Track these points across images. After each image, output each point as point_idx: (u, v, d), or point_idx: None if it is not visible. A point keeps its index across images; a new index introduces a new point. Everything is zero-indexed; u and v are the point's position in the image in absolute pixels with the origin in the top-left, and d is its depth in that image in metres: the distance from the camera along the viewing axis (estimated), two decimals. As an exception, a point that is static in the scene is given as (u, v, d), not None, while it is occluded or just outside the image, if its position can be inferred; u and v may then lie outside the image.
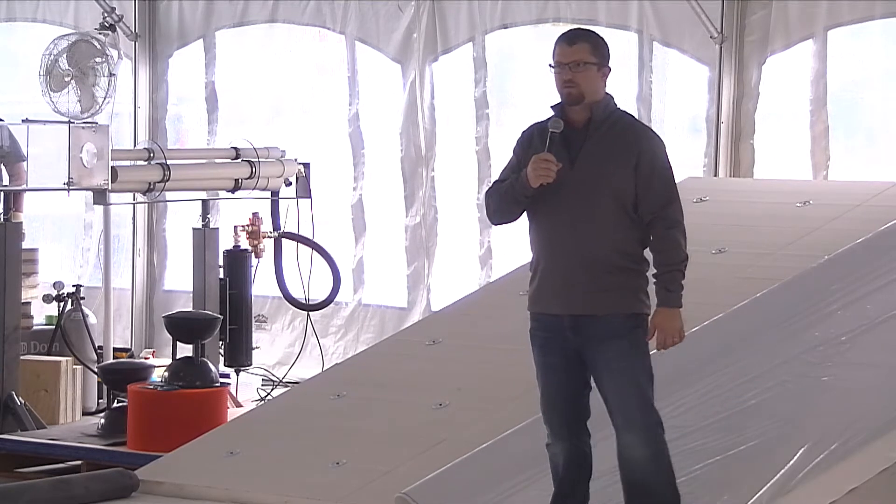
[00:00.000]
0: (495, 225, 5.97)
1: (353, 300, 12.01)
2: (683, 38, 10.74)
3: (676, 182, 5.81)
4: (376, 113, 12.19)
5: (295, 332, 11.99)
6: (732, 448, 6.39)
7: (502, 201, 5.82)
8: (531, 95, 11.54)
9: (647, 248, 5.79)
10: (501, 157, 11.41)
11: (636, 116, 6.27)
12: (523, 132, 5.90)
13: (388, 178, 12.04)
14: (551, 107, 5.81)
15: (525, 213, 5.86)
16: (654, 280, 5.69)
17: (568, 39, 5.79)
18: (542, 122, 5.86)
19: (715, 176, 10.40)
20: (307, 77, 12.62)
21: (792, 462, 6.15)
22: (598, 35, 5.92)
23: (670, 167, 5.80)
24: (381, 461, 7.16)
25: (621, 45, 10.60)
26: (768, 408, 6.65)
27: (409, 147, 11.90)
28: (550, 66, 5.79)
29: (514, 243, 10.60)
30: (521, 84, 11.75)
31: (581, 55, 5.74)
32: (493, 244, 11.52)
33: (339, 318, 12.00)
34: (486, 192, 5.92)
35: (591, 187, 5.69)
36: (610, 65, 5.85)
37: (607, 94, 5.83)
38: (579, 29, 6.02)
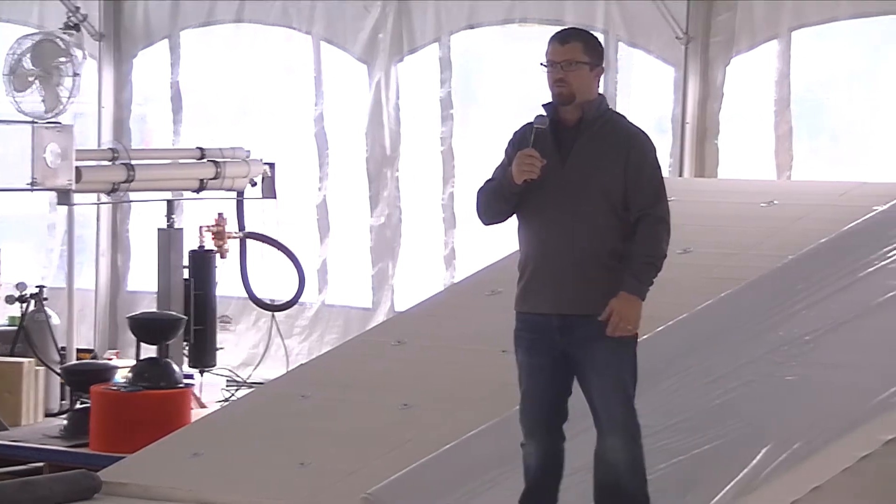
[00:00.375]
0: (486, 225, 5.89)
1: (317, 301, 11.99)
2: (649, 39, 10.77)
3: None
4: (342, 113, 12.18)
5: (259, 333, 11.96)
6: (696, 447, 6.39)
7: (491, 199, 5.78)
8: (497, 96, 11.56)
9: None
10: (466, 157, 11.54)
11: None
12: (515, 132, 5.85)
13: (353, 178, 12.03)
14: (543, 105, 5.77)
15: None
16: (628, 267, 5.63)
17: (561, 38, 5.76)
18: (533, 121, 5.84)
19: (680, 176, 10.43)
20: (273, 77, 12.60)
21: (755, 461, 6.15)
22: (591, 35, 5.90)
23: (659, 167, 5.80)
24: (346, 462, 7.14)
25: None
26: (733, 407, 6.65)
27: (375, 147, 11.89)
28: (542, 64, 5.76)
29: (479, 244, 10.64)
30: (487, 84, 11.77)
31: (573, 54, 5.70)
32: (458, 245, 11.52)
33: (303, 318, 11.98)
34: (477, 191, 5.87)
35: (580, 186, 5.66)
36: (602, 65, 5.80)
37: (599, 94, 5.82)
38: (573, 28, 6.00)
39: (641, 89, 10.96)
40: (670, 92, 10.69)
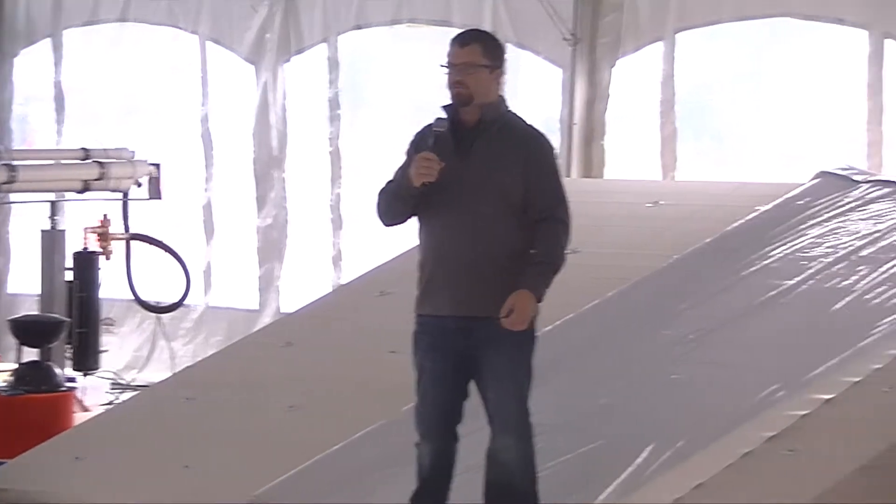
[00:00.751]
0: (386, 226, 5.87)
1: (202, 303, 11.90)
2: (537, 40, 10.82)
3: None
4: (228, 114, 12.11)
5: (143, 336, 11.85)
6: (583, 446, 6.42)
7: (391, 201, 5.77)
8: (385, 96, 11.56)
9: None
10: (354, 158, 11.52)
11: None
12: (416, 133, 5.84)
13: (240, 179, 11.96)
14: (443, 107, 5.77)
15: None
16: (529, 266, 5.63)
17: (460, 41, 5.76)
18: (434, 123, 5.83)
19: (568, 176, 10.47)
20: (159, 77, 12.50)
21: (640, 459, 6.19)
22: (492, 37, 5.91)
23: (558, 169, 5.82)
24: (232, 464, 7.08)
25: (474, 47, 10.64)
26: (619, 406, 6.70)
27: (261, 148, 11.84)
28: (442, 65, 5.76)
29: (366, 245, 10.63)
30: (375, 85, 11.76)
31: (472, 57, 5.70)
32: (345, 246, 11.51)
33: (188, 320, 11.89)
34: (378, 192, 5.85)
35: (479, 188, 5.66)
36: (503, 67, 5.79)
37: (500, 95, 5.81)
38: (474, 30, 6.00)
39: (529, 90, 11.00)
40: (558, 93, 10.75)
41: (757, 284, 7.54)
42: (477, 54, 5.71)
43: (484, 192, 5.66)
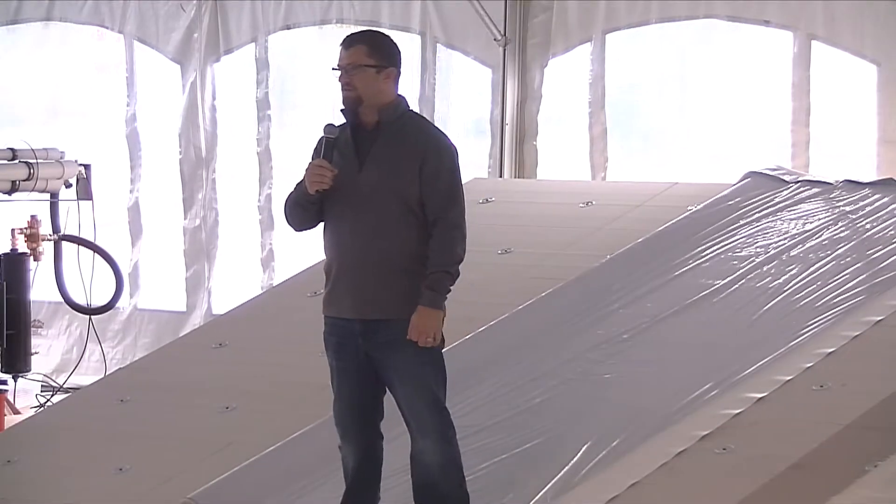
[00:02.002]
0: (297, 231, 5.89)
1: (129, 305, 11.83)
2: (467, 40, 10.85)
3: (462, 185, 5.82)
4: (155, 114, 12.05)
5: (72, 338, 11.76)
6: (517, 446, 6.44)
7: (294, 208, 5.79)
8: (314, 97, 11.54)
9: None
10: (283, 158, 11.49)
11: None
12: (320, 138, 5.83)
13: (167, 180, 11.90)
14: (341, 110, 5.77)
15: None
16: (424, 279, 5.64)
17: (346, 43, 5.74)
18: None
19: (500, 177, 10.53)
20: (85, 77, 12.41)
21: (575, 459, 6.21)
22: (380, 37, 5.85)
23: (456, 171, 5.76)
24: (166, 466, 7.04)
25: (404, 47, 10.60)
26: (553, 406, 6.73)
27: (189, 148, 11.79)
28: (333, 68, 5.76)
29: (296, 246, 10.59)
30: (304, 85, 11.73)
31: (356, 58, 5.67)
32: (275, 247, 11.47)
33: (116, 322, 11.81)
34: (285, 198, 5.86)
35: (377, 191, 5.65)
36: (395, 66, 5.74)
37: (399, 95, 5.78)
38: (360, 31, 5.96)
39: (460, 91, 11.04)
40: (489, 93, 10.79)
41: (689, 284, 7.61)
42: (361, 55, 5.68)
43: (382, 194, 5.65)
